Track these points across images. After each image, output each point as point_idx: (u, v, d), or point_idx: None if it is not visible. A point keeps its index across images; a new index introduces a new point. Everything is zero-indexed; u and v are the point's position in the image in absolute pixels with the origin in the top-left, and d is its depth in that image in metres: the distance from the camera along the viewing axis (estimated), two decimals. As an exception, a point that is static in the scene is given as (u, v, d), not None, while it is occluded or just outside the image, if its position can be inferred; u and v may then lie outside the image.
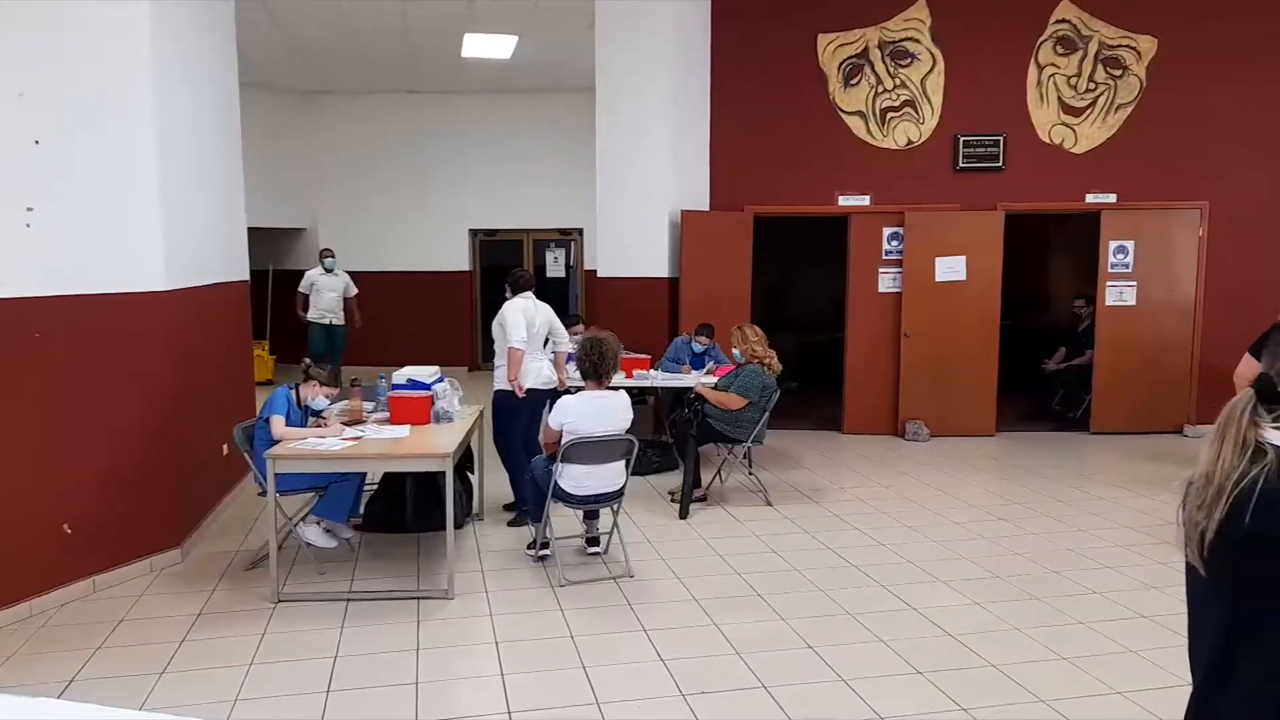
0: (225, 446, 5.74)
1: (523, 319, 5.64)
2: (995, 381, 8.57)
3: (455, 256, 13.07)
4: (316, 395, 5.09)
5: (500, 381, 5.72)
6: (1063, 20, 8.41)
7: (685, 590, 4.76)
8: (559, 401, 5.03)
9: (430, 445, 4.82)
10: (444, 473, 4.59)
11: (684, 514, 6.07)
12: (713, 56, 8.46)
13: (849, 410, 8.71)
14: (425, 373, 5.48)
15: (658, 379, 7.27)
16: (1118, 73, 8.45)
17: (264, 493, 4.66)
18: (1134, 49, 8.43)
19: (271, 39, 9.56)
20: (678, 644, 4.10)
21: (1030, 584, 4.86)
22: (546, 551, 5.14)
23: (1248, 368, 4.58)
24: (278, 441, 4.70)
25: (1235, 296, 8.24)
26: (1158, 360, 8.54)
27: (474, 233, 13.19)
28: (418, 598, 4.60)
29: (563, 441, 4.83)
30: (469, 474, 6.02)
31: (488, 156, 12.77)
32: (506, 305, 5.74)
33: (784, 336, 9.31)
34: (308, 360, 5.33)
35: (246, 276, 6.71)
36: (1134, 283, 8.58)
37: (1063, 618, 4.41)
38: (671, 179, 8.32)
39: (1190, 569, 1.56)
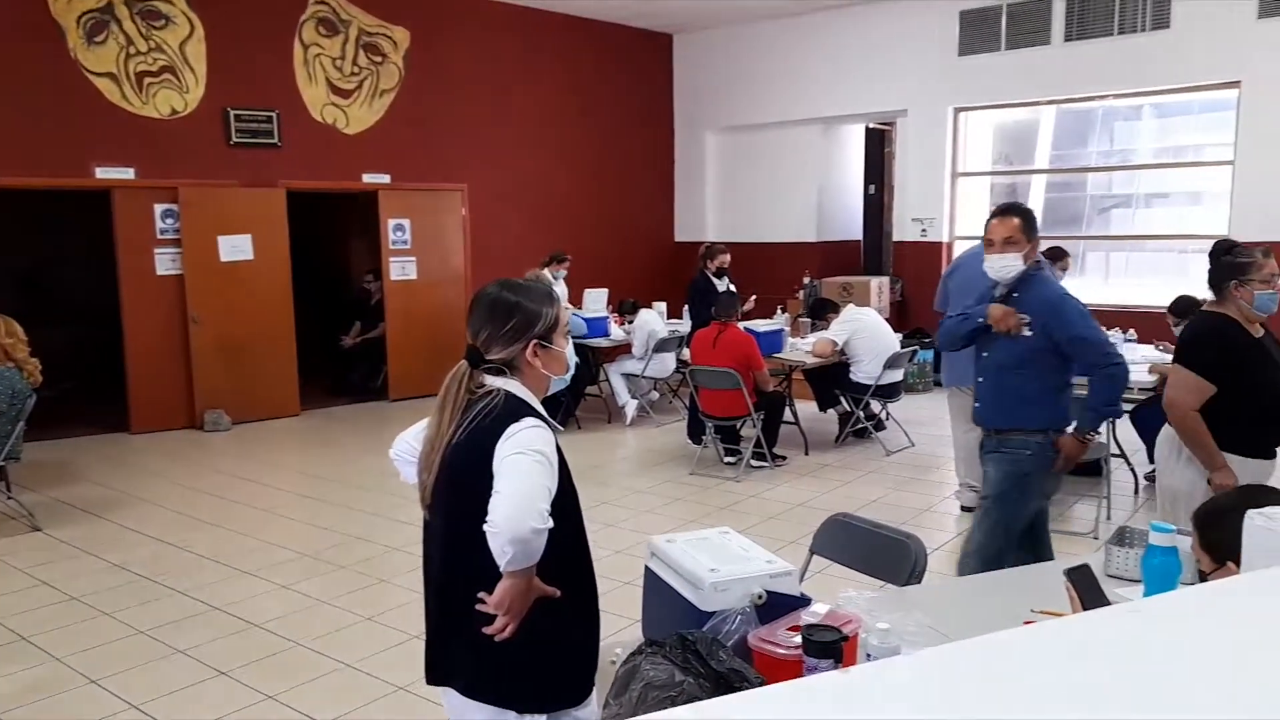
0: None
1: None
2: (295, 361, 8.54)
3: None
4: None
5: None
6: (322, 2, 8.58)
7: (-86, 661, 3.78)
8: None
9: None
10: None
11: (-89, 566, 4.81)
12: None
13: (136, 408, 7.84)
14: None
15: None
16: (379, 59, 8.96)
17: None
18: (390, 39, 9.02)
19: None
20: (-98, 733, 3.24)
21: (337, 555, 4.96)
22: None
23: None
24: None
25: (494, 266, 9.47)
26: (439, 327, 9.39)
27: None
28: None
29: None
30: None
31: None
32: None
33: (52, 332, 7.95)
34: None
35: None
36: (414, 258, 9.30)
37: (367, 580, 4.60)
38: None
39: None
